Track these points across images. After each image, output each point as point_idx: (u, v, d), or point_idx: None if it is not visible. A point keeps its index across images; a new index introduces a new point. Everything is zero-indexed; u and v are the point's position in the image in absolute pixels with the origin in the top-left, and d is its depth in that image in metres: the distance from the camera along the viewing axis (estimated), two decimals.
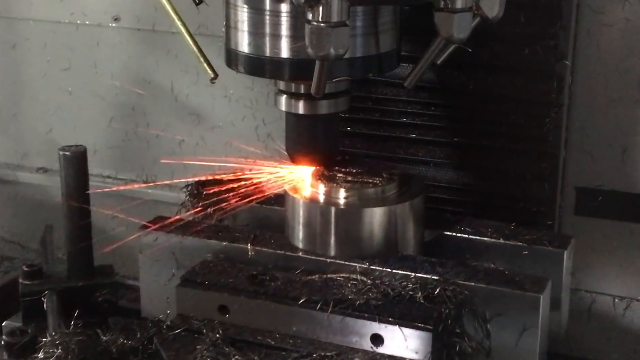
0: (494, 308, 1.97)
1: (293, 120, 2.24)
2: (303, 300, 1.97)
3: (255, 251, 2.16)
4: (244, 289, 2.04)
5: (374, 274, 2.04)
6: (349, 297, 1.95)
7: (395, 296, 1.96)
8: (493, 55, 2.32)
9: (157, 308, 2.23)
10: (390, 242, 2.14)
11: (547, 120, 2.32)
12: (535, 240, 2.16)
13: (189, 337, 1.97)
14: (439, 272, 2.03)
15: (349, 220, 2.12)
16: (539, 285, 1.99)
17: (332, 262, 2.10)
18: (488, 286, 1.99)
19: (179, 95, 2.90)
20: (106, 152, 3.04)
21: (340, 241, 2.12)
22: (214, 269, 2.13)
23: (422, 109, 2.43)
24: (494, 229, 2.21)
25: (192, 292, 2.07)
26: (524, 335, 1.96)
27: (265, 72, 2.13)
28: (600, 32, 2.38)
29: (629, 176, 2.44)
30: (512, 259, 2.14)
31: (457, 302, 1.94)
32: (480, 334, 1.95)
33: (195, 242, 2.21)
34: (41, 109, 3.09)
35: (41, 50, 3.03)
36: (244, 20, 2.11)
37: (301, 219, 2.16)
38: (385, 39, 2.13)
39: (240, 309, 2.03)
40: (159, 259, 2.24)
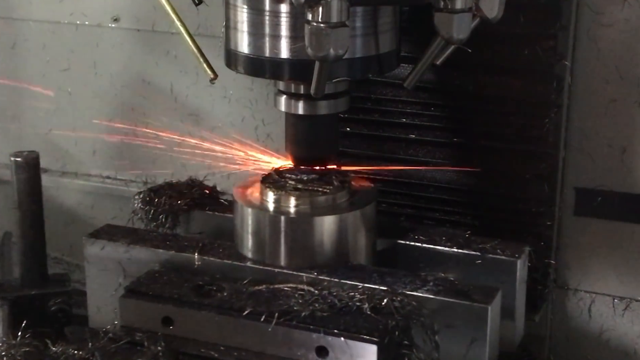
0: (443, 319, 1.94)
1: (293, 121, 2.24)
2: (248, 312, 1.93)
3: (203, 261, 2.13)
4: (189, 300, 2.01)
5: (322, 285, 2.01)
6: (295, 309, 1.92)
7: (342, 307, 1.93)
8: (492, 56, 2.32)
9: (105, 318, 2.18)
10: (341, 251, 2.11)
11: (546, 120, 2.32)
12: (489, 249, 2.15)
13: (131, 350, 1.93)
14: (388, 283, 2.01)
15: (298, 229, 2.09)
16: (488, 295, 1.97)
17: (280, 272, 2.08)
18: (436, 297, 1.97)
19: (178, 95, 2.90)
20: (105, 152, 3.04)
21: (290, 251, 2.10)
22: (159, 279, 2.09)
23: (422, 110, 2.43)
24: (447, 238, 2.19)
25: (135, 303, 2.03)
26: (473, 346, 1.94)
27: (265, 72, 2.13)
28: (599, 33, 2.38)
29: (628, 177, 2.44)
30: (466, 268, 2.13)
31: (405, 313, 1.91)
32: (429, 346, 1.92)
33: (142, 251, 2.18)
34: (41, 109, 3.09)
35: (41, 51, 3.03)
36: (243, 20, 2.11)
37: (250, 228, 2.14)
38: (384, 39, 2.13)
39: (185, 320, 2.00)
40: (106, 268, 2.21)
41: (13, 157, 2.30)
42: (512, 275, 2.13)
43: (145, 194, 2.39)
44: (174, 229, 2.36)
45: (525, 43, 2.28)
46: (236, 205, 2.18)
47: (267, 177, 2.22)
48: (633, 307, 2.53)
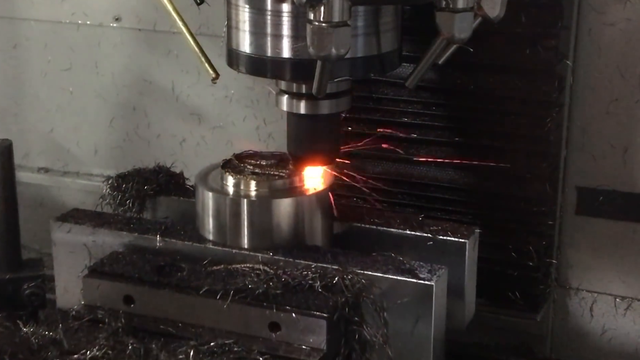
0: (391, 296, 2.01)
1: (294, 121, 2.24)
2: (204, 290, 2.00)
3: (164, 242, 2.19)
4: (149, 280, 2.07)
5: (277, 264, 2.08)
6: (250, 287, 1.99)
7: (295, 285, 2.00)
8: (494, 55, 2.32)
9: (72, 300, 2.23)
10: (297, 233, 2.18)
11: (548, 120, 2.32)
12: (439, 231, 2.20)
13: (92, 327, 2.00)
14: (340, 262, 2.08)
15: (256, 211, 2.16)
16: (433, 273, 2.04)
17: (238, 253, 2.14)
18: (384, 275, 2.03)
19: (180, 95, 2.91)
20: (107, 152, 3.04)
21: (249, 232, 2.16)
22: (122, 260, 2.15)
23: (423, 109, 2.43)
24: (401, 221, 2.25)
25: (98, 282, 2.09)
26: (419, 322, 2.02)
27: (267, 72, 2.13)
28: (601, 32, 2.38)
29: (630, 176, 2.44)
30: (419, 250, 2.18)
31: (355, 291, 1.97)
32: (378, 322, 1.98)
33: (106, 234, 2.24)
34: (42, 108, 3.09)
35: (42, 50, 3.03)
36: (245, 20, 2.11)
37: (210, 211, 2.19)
38: (386, 38, 2.13)
39: (145, 299, 2.06)
40: (72, 250, 2.27)
41: None
42: (462, 256, 2.18)
43: (114, 179, 2.45)
44: (140, 213, 2.42)
45: (527, 42, 2.28)
46: (197, 189, 2.24)
47: (227, 162, 2.27)
48: (635, 306, 2.53)
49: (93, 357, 1.88)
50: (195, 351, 1.88)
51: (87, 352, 1.89)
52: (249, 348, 1.92)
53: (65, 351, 1.92)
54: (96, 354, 1.89)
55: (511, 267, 2.40)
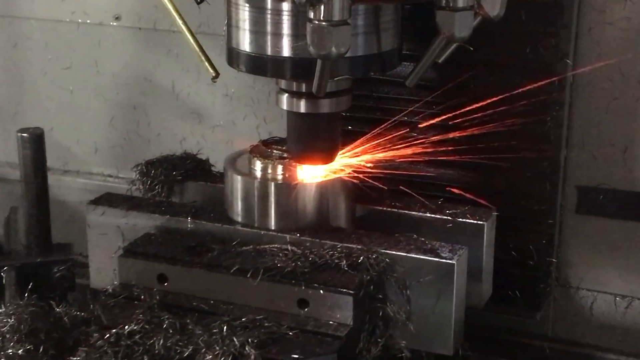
0: (414, 275, 2.08)
1: (294, 119, 2.24)
2: (235, 269, 2.07)
3: (195, 224, 2.26)
4: (182, 259, 2.15)
5: (304, 244, 2.15)
6: (278, 265, 2.06)
7: (322, 264, 2.08)
8: (494, 54, 2.32)
9: (105, 280, 2.31)
10: (322, 216, 2.24)
11: (548, 118, 2.32)
12: (458, 214, 2.26)
13: (128, 304, 2.08)
14: (364, 242, 2.15)
15: (284, 194, 2.22)
16: (454, 252, 2.11)
17: (265, 234, 2.21)
18: (408, 254, 2.10)
19: (180, 94, 2.91)
20: (107, 151, 3.05)
21: (276, 215, 2.23)
22: (154, 241, 2.23)
23: (424, 108, 2.43)
24: (421, 204, 2.30)
25: (133, 262, 2.17)
26: (440, 300, 2.09)
27: (267, 71, 2.14)
28: (601, 31, 2.38)
29: (630, 175, 2.44)
30: (437, 232, 2.23)
31: (379, 269, 2.05)
32: (401, 299, 2.05)
33: (139, 216, 2.31)
34: (42, 107, 3.09)
35: (42, 49, 3.03)
36: (245, 19, 2.11)
37: (239, 194, 2.26)
38: (386, 37, 2.13)
39: (178, 277, 2.13)
40: (106, 232, 2.34)
41: (19, 132, 2.46)
42: (480, 238, 2.23)
43: (143, 166, 2.53)
44: (169, 198, 2.50)
45: (527, 41, 2.28)
46: (227, 173, 2.31)
47: (255, 147, 2.33)
48: (635, 305, 2.54)
49: (131, 331, 1.95)
50: (228, 326, 1.95)
51: (125, 326, 1.96)
52: (279, 323, 1.99)
53: (103, 326, 1.99)
54: (134, 328, 1.96)
55: (511, 266, 2.40)
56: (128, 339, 1.94)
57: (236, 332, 1.93)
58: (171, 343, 1.92)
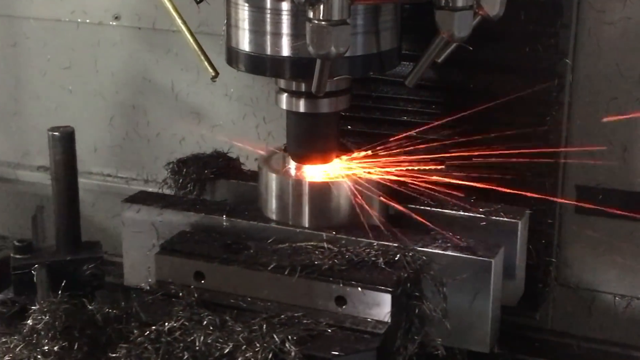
0: (450, 273, 2.07)
1: (294, 119, 2.24)
2: (272, 266, 2.07)
3: (230, 222, 2.26)
4: (218, 257, 2.14)
5: (340, 242, 2.14)
6: (316, 263, 2.06)
7: (359, 262, 2.08)
8: (494, 54, 2.32)
9: (139, 277, 2.32)
10: (356, 213, 2.23)
11: (547, 118, 2.33)
12: (492, 212, 2.25)
13: (166, 301, 2.08)
14: (400, 240, 2.14)
15: (318, 193, 2.22)
16: (492, 251, 2.10)
17: (301, 232, 2.20)
18: (444, 252, 2.10)
19: (179, 93, 2.91)
20: (107, 150, 3.04)
21: (310, 213, 2.23)
22: (190, 238, 2.23)
23: (423, 108, 2.43)
24: (454, 202, 2.29)
25: (170, 260, 2.17)
26: (477, 298, 2.08)
27: (266, 70, 2.14)
28: (600, 31, 2.38)
29: (629, 175, 2.44)
30: (471, 230, 2.22)
31: (416, 267, 2.05)
32: (437, 297, 2.04)
33: (174, 214, 2.32)
34: (42, 107, 3.09)
35: (42, 49, 3.03)
36: (244, 18, 2.11)
37: (274, 192, 2.26)
38: (386, 37, 2.13)
39: (215, 275, 2.13)
40: (140, 230, 2.34)
41: (50, 131, 2.49)
42: (514, 236, 2.22)
43: (174, 164, 2.53)
44: (200, 196, 2.49)
45: (527, 41, 2.28)
46: (261, 171, 2.30)
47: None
48: (634, 305, 2.54)
49: (171, 328, 1.95)
50: (267, 323, 1.95)
51: (165, 323, 1.96)
52: (317, 320, 1.98)
53: (143, 322, 2.00)
54: (174, 325, 1.96)
55: None
56: (168, 335, 1.94)
57: (276, 329, 1.92)
58: (211, 340, 1.92)
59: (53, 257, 2.47)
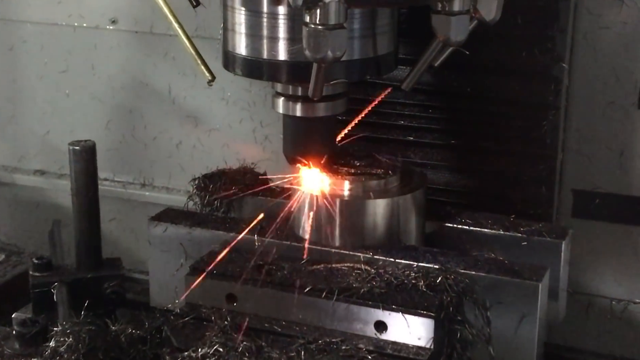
0: (494, 296, 2.01)
1: (290, 123, 2.24)
2: (309, 289, 2.01)
3: (262, 242, 2.19)
4: (251, 278, 2.07)
5: (377, 264, 2.09)
6: (354, 286, 2.00)
7: (398, 285, 2.01)
8: (490, 58, 2.33)
9: (166, 298, 2.27)
10: (392, 233, 2.18)
11: (544, 122, 2.33)
12: (534, 231, 2.20)
13: (197, 325, 2.01)
14: (441, 262, 2.07)
15: (353, 211, 2.16)
16: (538, 273, 2.04)
17: (336, 252, 2.14)
18: (488, 275, 2.03)
19: (176, 97, 2.90)
20: (103, 154, 3.03)
21: (344, 232, 2.17)
22: (222, 258, 2.15)
23: (420, 112, 2.43)
24: (493, 221, 2.25)
25: (200, 281, 2.10)
26: (523, 322, 2.01)
27: (263, 74, 2.13)
28: (597, 35, 2.38)
29: (626, 179, 2.45)
30: (511, 250, 2.18)
31: (458, 290, 1.98)
32: (480, 322, 1.99)
33: (202, 233, 2.26)
34: (38, 111, 3.09)
35: (38, 53, 3.03)
36: (241, 22, 2.11)
37: (306, 210, 2.20)
38: (382, 41, 2.13)
39: (248, 297, 2.06)
40: (167, 249, 2.29)
41: (71, 145, 2.40)
42: (557, 257, 2.17)
43: (200, 180, 2.47)
44: (227, 213, 2.43)
45: (523, 45, 2.28)
46: (293, 189, 2.24)
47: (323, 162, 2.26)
48: (631, 309, 2.54)
49: (204, 354, 1.88)
50: (305, 349, 1.89)
51: (198, 349, 1.89)
52: (356, 346, 1.92)
53: (174, 348, 1.93)
54: (207, 351, 1.88)
55: None
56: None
57: (314, 356, 1.87)
58: None
59: (74, 275, 2.39)
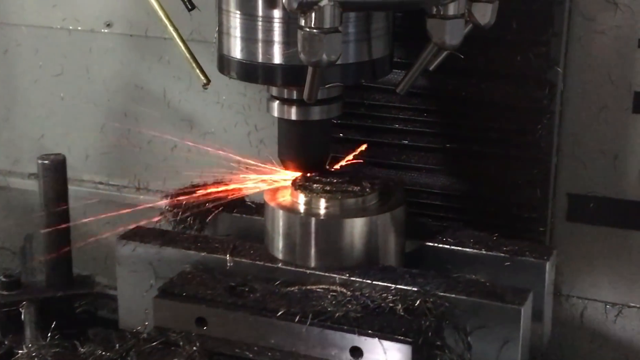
0: (475, 320, 1.95)
1: (285, 126, 2.24)
2: (282, 312, 1.94)
3: (234, 262, 2.14)
4: (222, 301, 2.01)
5: (354, 286, 2.02)
6: (328, 309, 1.93)
7: (375, 308, 1.94)
8: (485, 62, 2.33)
9: (136, 319, 2.19)
10: (371, 253, 2.12)
11: (539, 126, 2.33)
12: (517, 251, 2.16)
13: (166, 350, 1.94)
14: (420, 284, 2.01)
15: (329, 231, 2.10)
16: (520, 297, 1.98)
17: (311, 274, 2.08)
18: (469, 298, 1.97)
19: (171, 101, 2.90)
20: (98, 158, 3.04)
21: (320, 252, 2.11)
22: (192, 280, 2.10)
23: (415, 116, 2.43)
24: (476, 240, 2.20)
25: (169, 304, 2.04)
26: (505, 347, 1.95)
27: (258, 78, 2.13)
28: (591, 39, 2.38)
29: (620, 182, 2.45)
30: (494, 270, 2.13)
31: (438, 314, 1.92)
32: (461, 347, 1.93)
33: (173, 252, 2.19)
34: (33, 114, 3.09)
35: (33, 56, 3.02)
36: (236, 26, 2.11)
37: (281, 230, 2.14)
38: (377, 45, 2.13)
39: (218, 321, 2.00)
40: (136, 269, 2.22)
41: (40, 159, 2.30)
42: (541, 277, 2.13)
43: (172, 196, 2.40)
44: (201, 231, 2.36)
45: (518, 49, 2.28)
46: (267, 207, 2.18)
47: (298, 179, 2.22)
48: (625, 313, 2.54)
49: None
50: None
51: None
52: None
53: None
54: None
55: None
56: None
57: None
58: None
59: (42, 294, 2.32)
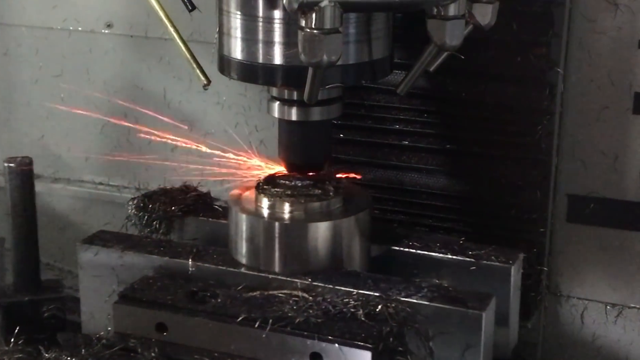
0: (437, 326, 1.94)
1: (286, 127, 2.24)
2: (242, 318, 1.93)
3: (197, 267, 2.13)
4: (183, 307, 2.00)
5: (316, 291, 2.02)
6: (289, 315, 1.93)
7: (337, 313, 1.94)
8: (485, 63, 2.33)
9: (99, 324, 2.19)
10: (335, 258, 2.12)
11: (539, 127, 2.33)
12: (483, 255, 2.16)
13: (125, 356, 1.93)
14: (383, 289, 2.01)
15: (292, 235, 2.10)
16: (483, 302, 1.97)
17: (274, 278, 2.08)
18: (430, 303, 1.97)
19: (171, 101, 2.90)
20: (98, 158, 3.04)
21: (284, 257, 2.10)
22: (153, 285, 2.09)
23: (415, 116, 2.44)
24: (442, 244, 2.20)
25: (129, 309, 2.03)
26: (467, 353, 1.95)
27: (258, 78, 2.13)
28: (592, 40, 2.38)
29: (620, 183, 2.45)
30: (460, 275, 2.13)
31: (400, 319, 1.91)
32: (423, 352, 1.93)
33: (136, 257, 2.18)
34: (33, 115, 3.09)
35: (33, 57, 3.03)
36: (237, 26, 2.11)
37: (244, 234, 2.14)
38: (378, 46, 2.13)
39: (179, 326, 1.99)
40: (99, 274, 2.21)
41: (6, 162, 2.28)
42: (507, 282, 2.14)
43: (139, 199, 2.39)
44: (168, 235, 2.36)
45: (518, 50, 2.28)
46: (231, 211, 2.18)
47: (262, 183, 2.21)
48: (625, 313, 2.54)
49: None
50: None
51: None
52: None
53: None
54: None
55: None
56: None
57: None
58: None
59: (10, 298, 2.31)
